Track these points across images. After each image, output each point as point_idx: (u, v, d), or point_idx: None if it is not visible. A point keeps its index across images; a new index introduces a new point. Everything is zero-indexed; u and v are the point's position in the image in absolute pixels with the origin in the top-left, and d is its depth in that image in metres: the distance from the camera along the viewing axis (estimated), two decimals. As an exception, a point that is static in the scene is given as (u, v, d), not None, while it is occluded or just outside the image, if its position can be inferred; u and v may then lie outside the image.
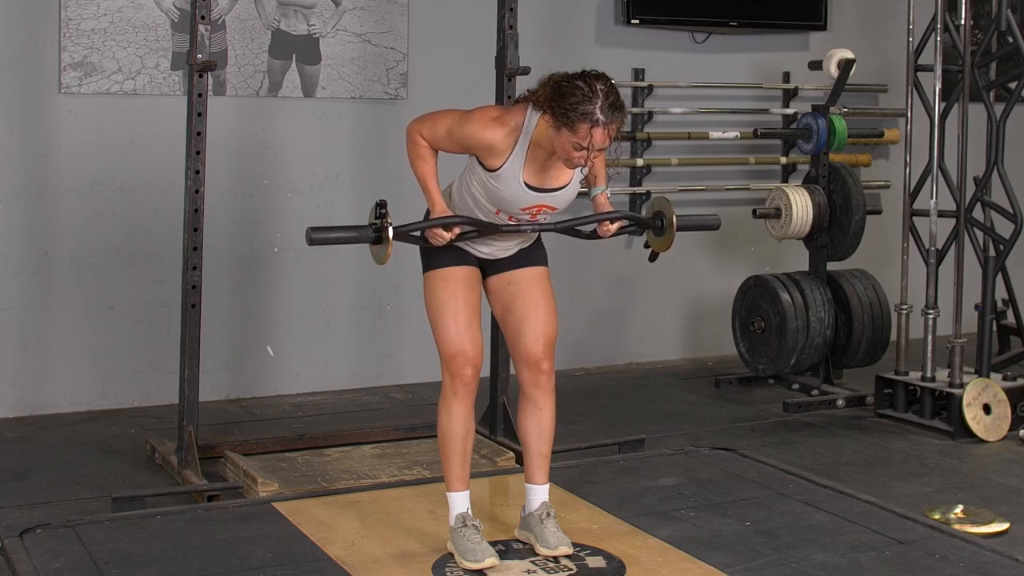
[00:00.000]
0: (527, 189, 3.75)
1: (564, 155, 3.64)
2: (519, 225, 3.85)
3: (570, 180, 3.80)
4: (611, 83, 3.62)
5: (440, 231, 3.77)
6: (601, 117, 3.56)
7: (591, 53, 6.72)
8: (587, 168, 3.75)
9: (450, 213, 3.81)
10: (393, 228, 3.73)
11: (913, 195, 6.05)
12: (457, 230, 3.79)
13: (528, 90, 3.76)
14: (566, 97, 3.57)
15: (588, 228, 3.98)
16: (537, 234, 4.00)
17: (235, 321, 6.17)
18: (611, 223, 3.94)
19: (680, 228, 3.99)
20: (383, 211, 3.73)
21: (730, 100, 7.21)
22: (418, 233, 3.81)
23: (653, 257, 4.14)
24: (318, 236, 3.77)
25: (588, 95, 3.56)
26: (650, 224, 4.04)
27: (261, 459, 4.97)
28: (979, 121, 6.08)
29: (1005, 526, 4.44)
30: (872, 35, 7.54)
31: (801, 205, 6.31)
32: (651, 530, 4.15)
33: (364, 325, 6.46)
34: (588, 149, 3.59)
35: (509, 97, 5.11)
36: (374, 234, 3.75)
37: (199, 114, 4.75)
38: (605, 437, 5.38)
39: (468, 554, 3.82)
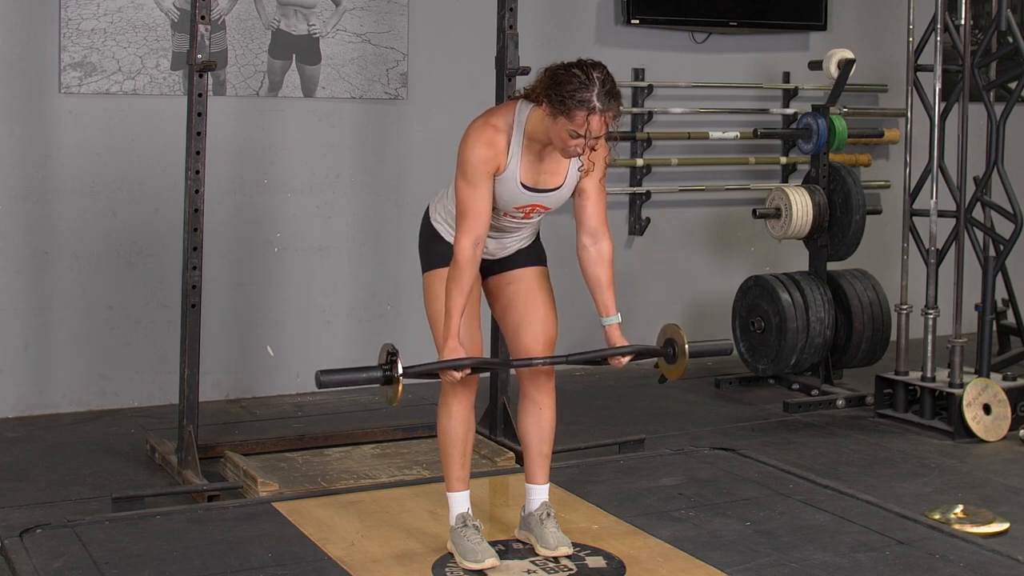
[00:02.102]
0: (523, 189, 3.74)
1: (561, 144, 3.63)
2: (531, 361, 3.82)
3: (564, 181, 3.79)
4: (607, 71, 3.62)
5: (452, 372, 3.72)
6: (598, 104, 3.55)
7: (591, 53, 6.56)
8: (584, 159, 3.73)
9: (462, 352, 3.71)
10: (404, 370, 3.66)
11: (913, 195, 6.05)
12: (468, 371, 3.72)
13: (521, 88, 3.76)
14: (563, 85, 3.57)
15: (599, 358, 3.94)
16: (536, 234, 4.00)
17: (235, 321, 6.17)
18: (623, 356, 3.90)
19: (692, 355, 3.96)
20: (393, 358, 3.66)
21: (730, 100, 7.21)
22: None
23: (662, 380, 4.12)
24: (327, 379, 3.65)
25: (585, 82, 3.56)
26: (663, 353, 4.03)
27: (261, 459, 4.97)
28: (979, 121, 6.08)
29: (1005, 526, 4.43)
30: (872, 35, 7.54)
31: (801, 205, 6.31)
32: (651, 530, 4.15)
33: (364, 325, 6.45)
34: (585, 137, 3.58)
35: (509, 98, 5.11)
36: (384, 377, 3.68)
37: (199, 114, 4.75)
38: (605, 437, 5.38)
39: (468, 554, 3.82)
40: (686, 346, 3.95)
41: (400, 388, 3.67)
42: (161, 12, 5.91)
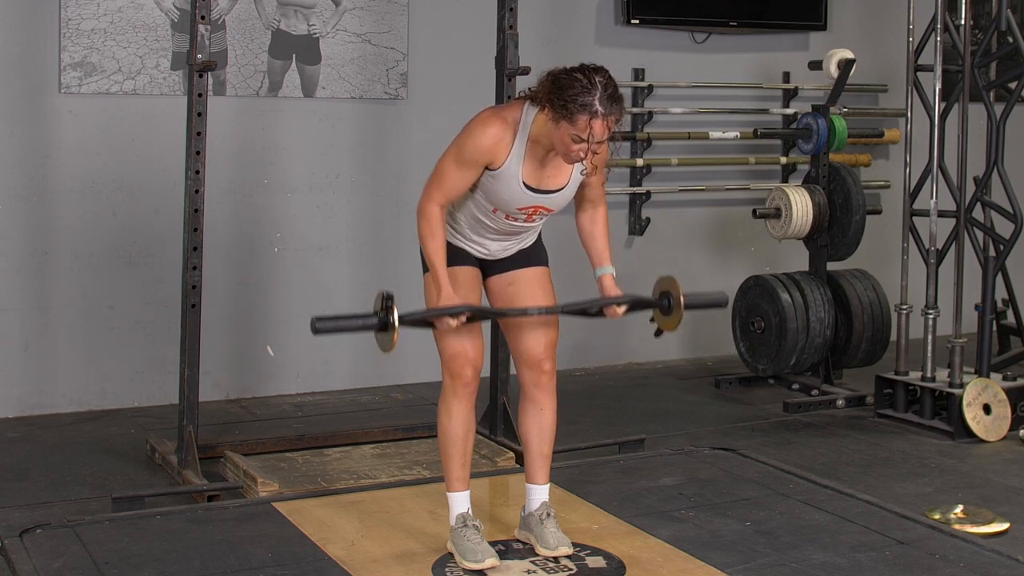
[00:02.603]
0: (525, 189, 3.74)
1: (563, 149, 3.63)
2: (526, 310, 3.84)
3: (567, 182, 3.79)
4: (609, 75, 3.62)
5: (447, 319, 3.74)
6: (600, 108, 3.55)
7: (591, 53, 6.70)
8: (587, 163, 3.74)
9: (457, 299, 3.75)
10: (399, 317, 3.67)
11: (913, 195, 6.05)
12: (464, 318, 3.74)
13: (527, 88, 3.76)
14: (565, 89, 3.57)
15: (594, 309, 3.95)
16: (538, 234, 4.00)
17: (235, 321, 6.17)
18: (618, 307, 3.92)
19: (687, 307, 3.97)
20: (389, 303, 3.68)
21: (730, 100, 7.21)
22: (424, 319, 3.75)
23: (658, 334, 4.13)
24: (323, 326, 3.68)
25: (587, 87, 3.56)
26: (658, 304, 4.03)
27: (261, 459, 4.97)
28: (979, 121, 6.08)
29: (1005, 526, 4.43)
30: (872, 35, 7.54)
31: (801, 205, 6.31)
32: (651, 530, 4.15)
33: (364, 325, 6.45)
34: (588, 141, 3.58)
35: (509, 97, 5.12)
36: (379, 323, 3.69)
37: (199, 114, 4.75)
38: (605, 437, 5.39)
39: (468, 554, 3.82)
40: (681, 297, 3.95)
41: (395, 335, 3.67)
42: (161, 12, 5.91)
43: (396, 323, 3.66)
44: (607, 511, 4.34)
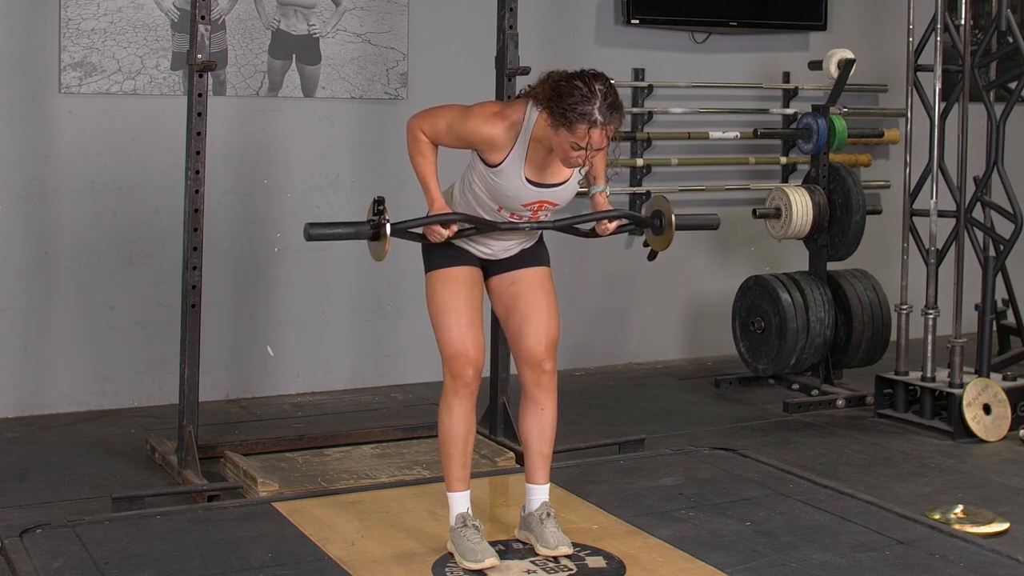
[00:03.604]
0: (528, 184, 3.75)
1: (562, 155, 3.64)
2: (517, 223, 3.85)
3: (570, 176, 3.80)
4: (610, 83, 3.62)
5: (438, 228, 3.78)
6: (599, 118, 3.56)
7: (591, 53, 6.72)
8: (586, 168, 3.75)
9: (449, 210, 3.81)
10: (391, 224, 3.74)
11: (913, 195, 6.05)
12: (455, 227, 3.79)
13: (529, 86, 3.77)
14: (565, 97, 3.57)
15: (587, 226, 3.98)
16: (539, 234, 4.00)
17: (235, 321, 6.17)
18: (609, 222, 3.95)
19: (679, 227, 4.00)
20: (381, 208, 3.74)
21: (730, 100, 7.21)
22: (417, 230, 3.81)
23: (652, 256, 4.15)
24: (316, 232, 3.79)
25: (587, 95, 3.56)
26: (649, 223, 4.05)
27: (261, 459, 4.97)
28: (979, 121, 6.08)
29: (1005, 526, 4.43)
30: (872, 35, 7.54)
31: (801, 205, 6.31)
32: (651, 530, 4.15)
33: (364, 325, 6.45)
34: (586, 149, 3.59)
35: (509, 97, 5.11)
36: (372, 230, 3.76)
37: (199, 114, 4.75)
38: (605, 437, 5.38)
39: (468, 554, 3.82)
40: (672, 216, 3.98)
41: (387, 244, 3.73)
42: (161, 12, 5.91)
43: (388, 232, 3.72)
44: (607, 511, 4.34)
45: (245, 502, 4.48)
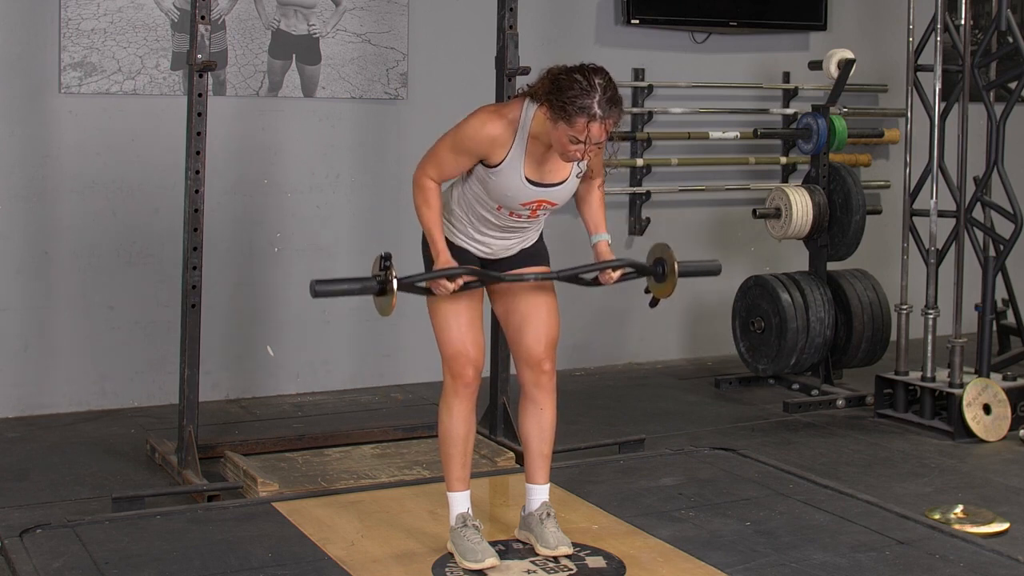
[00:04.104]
0: (528, 184, 3.74)
1: (560, 149, 3.63)
2: (523, 276, 3.86)
3: (569, 175, 3.80)
4: (609, 77, 3.61)
5: (445, 282, 3.75)
6: (598, 111, 3.55)
7: (591, 53, 6.70)
8: (584, 163, 3.74)
9: (454, 263, 3.77)
10: (398, 280, 3.69)
11: (913, 195, 6.05)
12: (461, 281, 3.76)
13: (527, 85, 3.76)
14: (564, 90, 3.56)
15: (590, 276, 3.97)
16: (539, 233, 4.00)
17: (235, 321, 6.17)
18: (613, 271, 3.93)
19: (682, 275, 3.99)
20: (388, 263, 3.69)
21: (730, 100, 7.21)
22: (423, 284, 3.78)
23: (654, 303, 4.14)
24: (322, 288, 3.70)
25: (586, 88, 3.55)
26: (652, 271, 4.04)
27: (261, 459, 4.97)
28: (979, 121, 6.08)
29: (1005, 526, 4.43)
30: (872, 35, 7.54)
31: (801, 205, 6.31)
32: (651, 530, 4.15)
33: (364, 325, 6.45)
34: (585, 143, 3.58)
35: (508, 97, 5.11)
36: (378, 286, 3.70)
37: (199, 114, 4.75)
38: (605, 437, 5.38)
39: (468, 554, 3.82)
40: (675, 264, 3.96)
41: (394, 299, 3.68)
42: (161, 12, 5.91)
43: (395, 287, 3.67)
44: (607, 511, 4.34)
45: (245, 502, 4.49)
